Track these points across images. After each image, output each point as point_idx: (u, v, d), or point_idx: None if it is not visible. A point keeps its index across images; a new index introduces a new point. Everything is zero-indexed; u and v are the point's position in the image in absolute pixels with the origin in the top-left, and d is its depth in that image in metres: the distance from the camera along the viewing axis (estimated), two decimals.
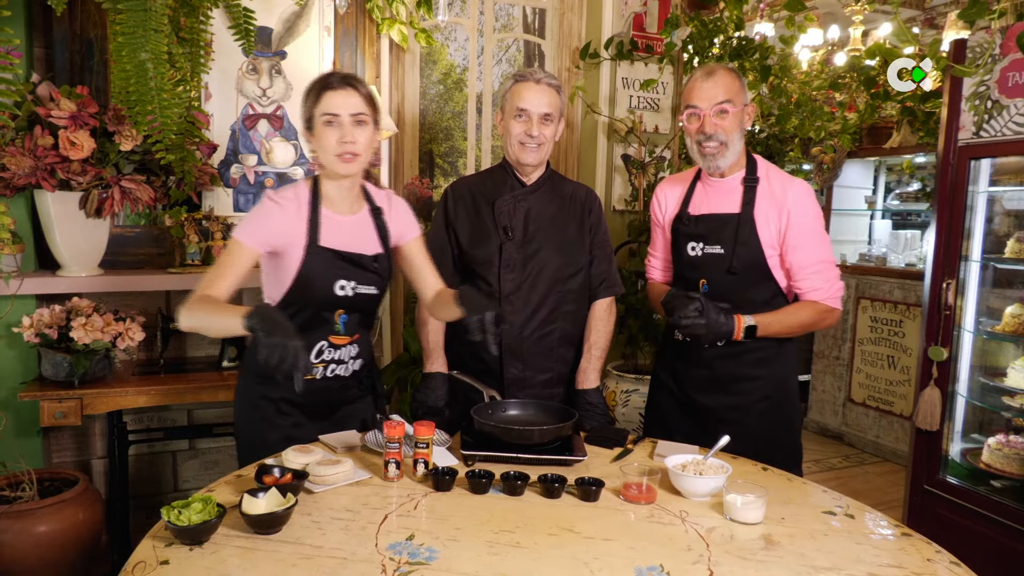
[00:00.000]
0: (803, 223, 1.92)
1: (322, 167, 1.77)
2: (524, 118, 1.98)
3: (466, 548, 1.29)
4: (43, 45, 2.59)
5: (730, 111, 1.90)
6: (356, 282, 1.77)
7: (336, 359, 1.82)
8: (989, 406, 2.79)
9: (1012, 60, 2.43)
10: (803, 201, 1.93)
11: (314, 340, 1.77)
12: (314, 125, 1.72)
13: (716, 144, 1.92)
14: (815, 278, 1.93)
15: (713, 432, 1.79)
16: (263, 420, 1.81)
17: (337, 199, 1.79)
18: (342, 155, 1.70)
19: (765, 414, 2.00)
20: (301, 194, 1.76)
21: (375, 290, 1.82)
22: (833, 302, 1.96)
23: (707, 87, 1.91)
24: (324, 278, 1.73)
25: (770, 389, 2.01)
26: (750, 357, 1.98)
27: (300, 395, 1.65)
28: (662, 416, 2.16)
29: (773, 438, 1.99)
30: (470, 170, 3.73)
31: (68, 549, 2.25)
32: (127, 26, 1.84)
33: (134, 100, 1.93)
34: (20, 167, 2.28)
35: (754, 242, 1.93)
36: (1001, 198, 2.74)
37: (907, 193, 4.90)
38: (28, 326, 2.37)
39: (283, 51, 2.98)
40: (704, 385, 2.03)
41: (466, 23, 3.57)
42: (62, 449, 2.75)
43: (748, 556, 1.30)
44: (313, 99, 1.71)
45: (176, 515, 1.28)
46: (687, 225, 2.04)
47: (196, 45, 2.31)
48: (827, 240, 2.00)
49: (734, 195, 1.98)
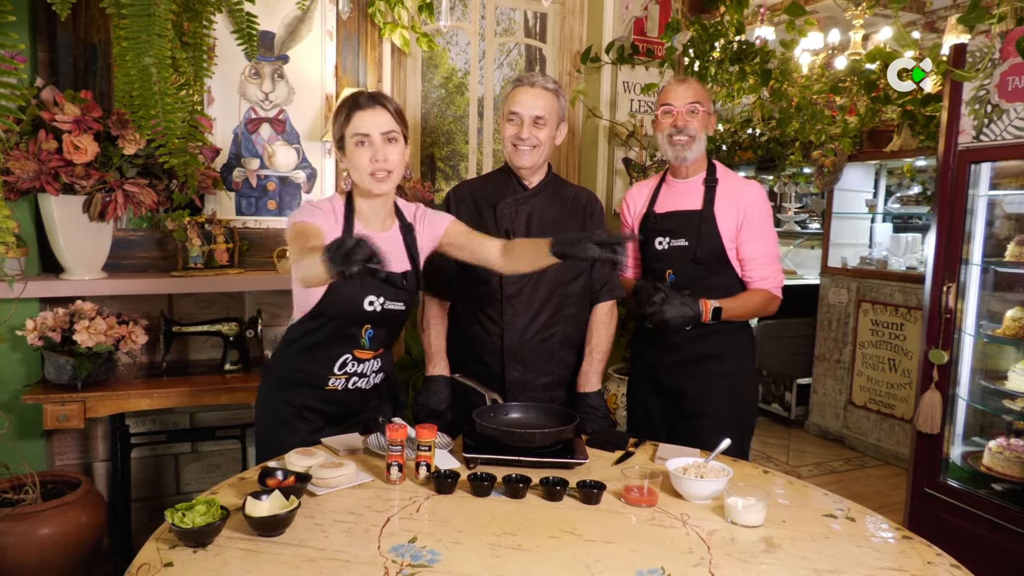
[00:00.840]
0: (758, 220, 2.17)
1: (355, 186, 1.79)
2: (516, 121, 2.01)
3: (468, 550, 1.29)
4: (47, 50, 2.61)
5: (699, 110, 2.17)
6: (385, 298, 1.78)
7: (359, 372, 1.84)
8: (990, 409, 2.79)
9: (1012, 64, 2.43)
10: (758, 201, 2.20)
11: (339, 352, 1.80)
12: (345, 145, 1.73)
13: (686, 138, 2.16)
14: (764, 269, 2.18)
15: (681, 408, 2.17)
16: (283, 423, 1.82)
17: (370, 216, 1.81)
18: (375, 173, 1.72)
19: (725, 393, 2.19)
20: (337, 207, 1.79)
21: (402, 306, 1.84)
22: (776, 291, 2.21)
23: (681, 90, 2.19)
24: (355, 293, 1.75)
25: (730, 366, 2.20)
26: (712, 339, 2.17)
27: (319, 399, 1.78)
28: (637, 399, 2.36)
29: (731, 414, 2.18)
30: (471, 174, 3.74)
31: (70, 552, 2.26)
32: (131, 31, 1.84)
33: (138, 104, 1.94)
34: (24, 171, 2.29)
35: (715, 235, 2.17)
36: (1001, 202, 2.75)
37: (908, 196, 4.91)
38: (32, 329, 2.38)
39: (285, 55, 2.99)
40: (672, 367, 2.23)
41: (467, 27, 3.58)
42: (65, 452, 2.76)
43: (749, 559, 1.30)
44: (343, 119, 1.73)
45: (180, 517, 1.28)
46: (654, 222, 2.26)
47: (199, 49, 2.32)
48: (775, 236, 2.26)
49: (696, 194, 2.22)
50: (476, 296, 2.09)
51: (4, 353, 2.56)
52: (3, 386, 2.53)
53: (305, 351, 1.81)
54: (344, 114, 1.73)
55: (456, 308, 2.16)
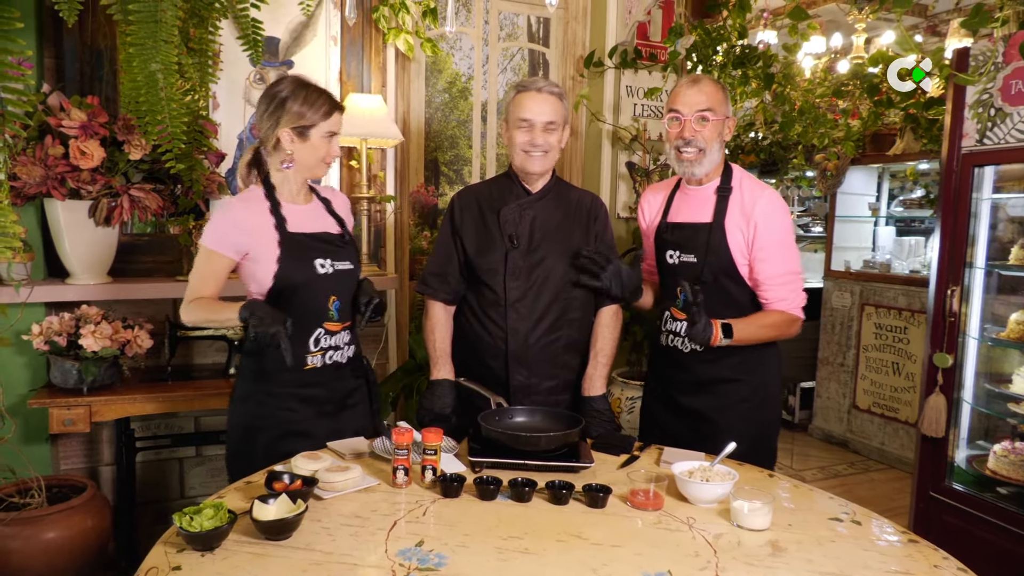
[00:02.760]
0: (769, 234, 1.95)
1: (292, 166, 1.86)
2: (527, 127, 2.00)
3: (475, 554, 1.29)
4: (54, 56, 2.62)
5: (710, 119, 1.94)
6: (332, 259, 1.88)
7: (332, 345, 1.90)
8: (995, 413, 2.78)
9: (1015, 68, 2.43)
10: (770, 212, 1.96)
11: (311, 328, 1.85)
12: (308, 134, 1.82)
13: (694, 151, 1.96)
14: (781, 289, 1.97)
15: (698, 432, 1.93)
16: (268, 416, 1.84)
17: (289, 193, 1.89)
18: (330, 163, 1.91)
19: (743, 417, 2.02)
20: (257, 195, 1.86)
21: (351, 265, 1.93)
22: (797, 311, 2.00)
23: (691, 94, 1.96)
24: (303, 260, 1.83)
25: (748, 392, 2.03)
26: (728, 361, 2.00)
27: (301, 383, 1.84)
28: (653, 418, 2.21)
29: (750, 441, 1.98)
30: (475, 178, 3.75)
31: (76, 555, 2.26)
32: (137, 37, 1.85)
33: (144, 110, 1.94)
34: (31, 176, 2.31)
35: (724, 251, 1.97)
36: (1005, 205, 2.75)
37: (911, 200, 4.90)
38: (37, 334, 2.39)
39: (290, 60, 3.00)
40: (687, 388, 2.08)
41: (471, 32, 3.60)
42: (70, 456, 2.77)
43: (755, 562, 1.30)
44: (324, 116, 1.84)
45: (188, 521, 1.29)
46: (665, 233, 2.10)
47: (205, 55, 2.33)
48: (794, 251, 2.02)
49: (708, 204, 2.02)
50: (480, 300, 2.09)
51: (10, 358, 2.57)
52: (9, 390, 2.54)
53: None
54: (324, 106, 1.86)
55: (460, 312, 2.16)
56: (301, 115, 1.79)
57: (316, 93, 1.83)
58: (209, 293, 1.80)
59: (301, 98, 1.79)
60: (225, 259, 1.79)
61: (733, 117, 2.03)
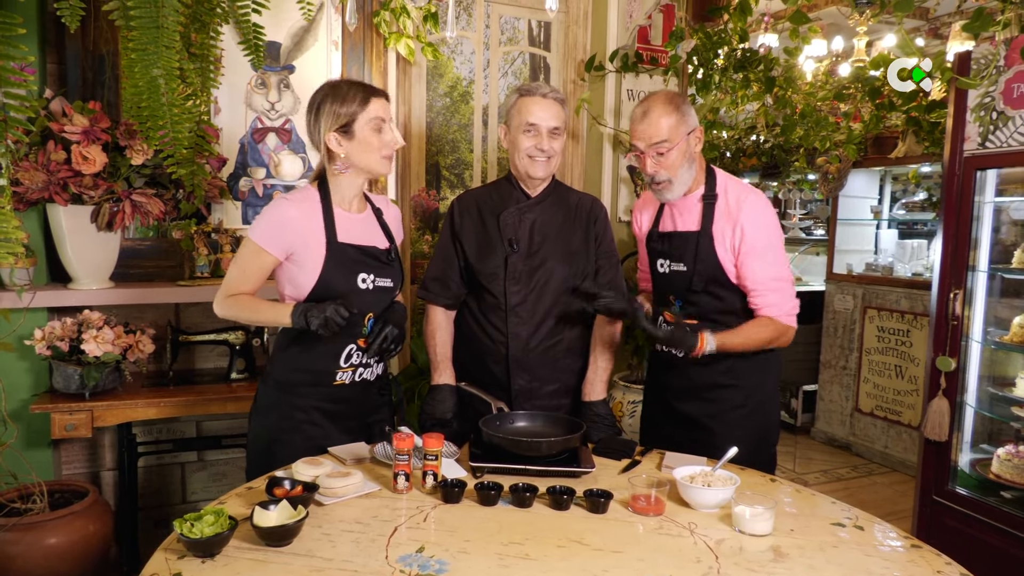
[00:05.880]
0: (755, 239, 1.93)
1: (349, 170, 1.82)
2: (534, 132, 1.99)
3: (476, 560, 1.29)
4: (56, 61, 2.63)
5: (666, 150, 1.92)
6: (375, 275, 1.84)
7: (363, 363, 1.87)
8: (998, 416, 2.77)
9: (1017, 71, 2.43)
10: (755, 216, 1.94)
11: (344, 344, 1.82)
12: (352, 130, 1.78)
13: (662, 182, 1.97)
14: (770, 295, 1.95)
15: (696, 437, 1.94)
16: (293, 430, 1.82)
17: (345, 199, 1.85)
18: (390, 156, 1.83)
19: (738, 423, 2.01)
20: (311, 195, 1.83)
21: (391, 283, 1.89)
22: (788, 319, 1.97)
23: (642, 129, 1.94)
24: (347, 273, 1.79)
25: (742, 398, 2.03)
26: (722, 366, 2.01)
27: (328, 398, 1.82)
28: (653, 423, 2.22)
29: (748, 447, 1.93)
30: (476, 182, 3.75)
31: (78, 561, 2.26)
32: (139, 43, 1.85)
33: (146, 115, 1.95)
34: (33, 181, 2.31)
35: (712, 259, 1.97)
36: (1008, 208, 2.74)
37: (913, 203, 4.90)
38: (40, 338, 2.39)
39: (291, 65, 3.01)
40: (682, 394, 2.09)
41: (472, 36, 3.60)
42: (72, 461, 2.77)
43: (757, 568, 1.30)
44: (361, 104, 1.80)
45: (189, 527, 1.29)
46: (656, 242, 2.12)
47: (206, 60, 2.33)
48: (782, 255, 2.00)
49: (694, 212, 2.03)
50: (481, 304, 2.09)
51: (12, 362, 2.58)
52: (11, 395, 2.54)
53: (308, 349, 1.81)
54: (359, 102, 1.82)
55: (461, 316, 2.16)
56: (338, 113, 1.77)
57: (347, 86, 1.80)
58: (248, 289, 1.78)
59: (333, 97, 1.78)
60: (271, 257, 1.76)
61: (699, 127, 1.99)
